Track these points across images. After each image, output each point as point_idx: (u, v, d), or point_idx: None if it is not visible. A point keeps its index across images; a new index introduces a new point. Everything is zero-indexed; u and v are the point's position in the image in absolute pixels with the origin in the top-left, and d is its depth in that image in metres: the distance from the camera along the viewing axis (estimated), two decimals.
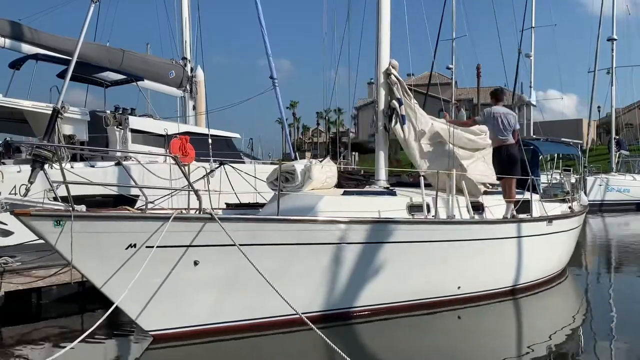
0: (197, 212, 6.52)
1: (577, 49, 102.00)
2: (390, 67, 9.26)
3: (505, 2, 14.89)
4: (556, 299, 10.10)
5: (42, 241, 6.24)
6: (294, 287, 6.90)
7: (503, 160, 9.51)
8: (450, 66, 34.17)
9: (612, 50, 34.51)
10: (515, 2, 29.71)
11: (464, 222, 8.65)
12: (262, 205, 8.91)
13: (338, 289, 7.59)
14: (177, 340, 6.72)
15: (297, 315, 6.31)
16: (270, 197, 8.98)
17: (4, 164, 9.82)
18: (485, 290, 9.00)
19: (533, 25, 33.20)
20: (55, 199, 6.00)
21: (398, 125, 9.08)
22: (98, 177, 10.38)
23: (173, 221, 6.25)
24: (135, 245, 6.24)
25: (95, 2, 8.49)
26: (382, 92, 9.39)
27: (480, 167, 9.67)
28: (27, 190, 5.97)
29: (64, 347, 5.69)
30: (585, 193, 27.83)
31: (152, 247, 6.20)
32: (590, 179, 29.06)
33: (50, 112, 10.86)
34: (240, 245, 6.43)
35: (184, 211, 7.42)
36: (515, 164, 9.52)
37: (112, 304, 6.07)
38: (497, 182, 9.74)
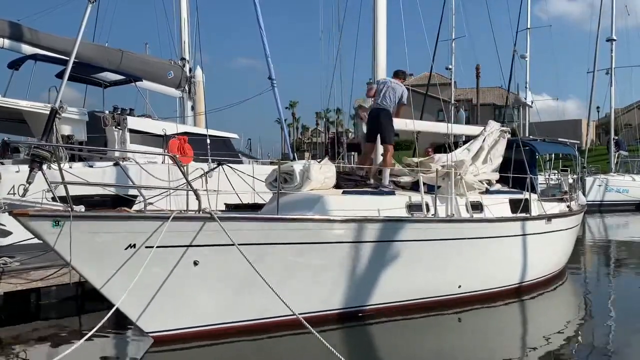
0: (197, 212, 6.50)
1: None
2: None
3: (504, 3, 14.91)
4: (556, 299, 10.11)
5: (41, 241, 6.24)
6: (293, 287, 6.89)
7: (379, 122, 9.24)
8: (450, 66, 34.19)
9: (612, 50, 34.51)
10: (514, 3, 29.83)
11: (464, 221, 8.67)
12: (261, 206, 8.90)
13: (338, 289, 7.59)
14: (178, 342, 6.70)
15: (305, 315, 6.29)
16: (269, 198, 8.98)
17: (2, 164, 9.81)
18: (485, 289, 9.02)
19: (528, 27, 33.27)
20: (53, 199, 5.98)
21: None
22: (96, 177, 10.37)
23: (172, 221, 6.22)
24: (134, 246, 6.22)
25: (93, 2, 8.44)
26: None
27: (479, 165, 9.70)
28: (26, 190, 5.95)
29: (64, 347, 5.68)
30: (584, 193, 27.90)
31: (152, 247, 6.17)
32: (589, 180, 29.04)
33: (48, 112, 10.87)
34: (239, 245, 6.42)
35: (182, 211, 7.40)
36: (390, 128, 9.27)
37: (112, 304, 6.05)
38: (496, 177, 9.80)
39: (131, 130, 12.31)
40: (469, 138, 11.18)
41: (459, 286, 8.66)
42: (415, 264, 8.11)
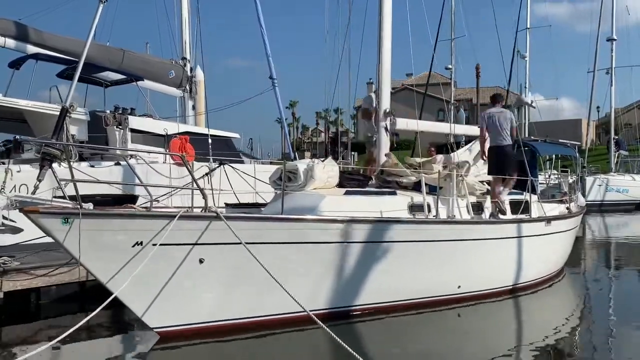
0: (203, 211, 6.54)
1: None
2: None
3: (505, 3, 14.97)
4: (554, 299, 10.13)
5: (41, 240, 6.25)
6: (297, 285, 6.90)
7: (498, 160, 9.52)
8: (450, 66, 34.19)
9: (612, 50, 34.52)
10: (512, 3, 29.87)
11: (464, 222, 8.67)
12: (262, 205, 8.91)
13: (340, 287, 7.62)
14: (183, 338, 6.74)
15: (304, 313, 6.33)
16: (270, 197, 8.99)
17: (3, 163, 9.80)
18: (485, 290, 9.03)
19: (528, 27, 33.28)
20: (63, 197, 6.02)
21: None
22: (99, 177, 10.35)
23: (179, 219, 6.28)
24: (141, 243, 6.28)
25: (104, 2, 8.45)
26: (385, 93, 9.40)
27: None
28: (36, 188, 5.98)
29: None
30: (583, 194, 27.90)
31: (159, 244, 6.23)
32: (589, 179, 29.05)
33: (49, 111, 10.87)
34: (246, 243, 6.45)
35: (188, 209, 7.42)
36: (510, 163, 9.52)
37: (115, 301, 6.08)
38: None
39: (132, 130, 12.31)
40: (469, 138, 11.19)
41: (459, 286, 8.67)
42: (415, 264, 8.13)
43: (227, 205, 9.11)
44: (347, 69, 10.63)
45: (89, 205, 5.98)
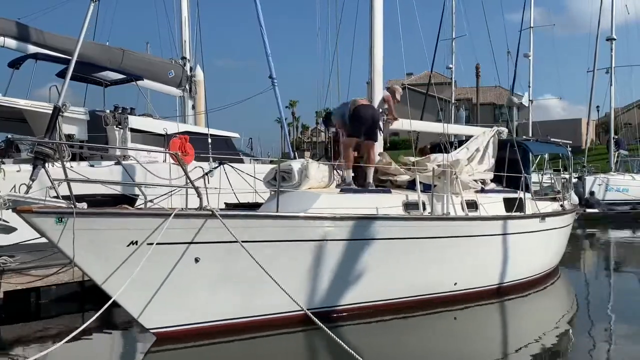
0: (198, 210, 6.53)
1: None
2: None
3: (505, 3, 15.02)
4: (550, 297, 10.21)
5: (40, 240, 6.25)
6: (292, 284, 6.92)
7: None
8: (450, 66, 34.22)
9: (612, 50, 34.45)
10: (512, 3, 29.94)
11: (458, 219, 8.71)
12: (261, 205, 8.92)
13: (335, 285, 7.64)
14: (179, 338, 6.75)
15: (301, 312, 6.33)
16: (267, 197, 9.00)
17: (3, 162, 9.82)
18: (481, 287, 9.08)
19: (532, 26, 33.28)
20: (56, 196, 6.00)
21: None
22: (98, 176, 10.36)
23: (174, 218, 6.27)
24: (136, 243, 6.26)
25: (95, 1, 8.46)
26: (377, 93, 9.43)
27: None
28: (29, 187, 5.96)
29: (64, 346, 5.68)
30: (583, 192, 27.89)
31: (154, 244, 6.22)
32: (589, 179, 29.05)
33: (49, 111, 10.88)
34: (242, 242, 6.45)
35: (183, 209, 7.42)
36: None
37: (111, 302, 6.07)
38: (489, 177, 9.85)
39: (132, 130, 12.33)
40: (468, 137, 11.24)
41: (455, 283, 8.71)
42: (412, 262, 8.17)
43: (227, 205, 9.12)
44: (343, 68, 10.66)
45: (83, 205, 5.97)
